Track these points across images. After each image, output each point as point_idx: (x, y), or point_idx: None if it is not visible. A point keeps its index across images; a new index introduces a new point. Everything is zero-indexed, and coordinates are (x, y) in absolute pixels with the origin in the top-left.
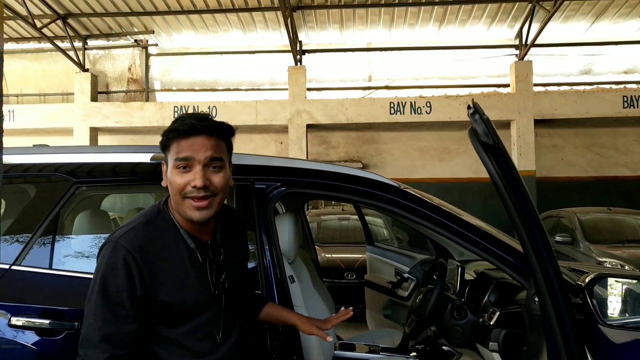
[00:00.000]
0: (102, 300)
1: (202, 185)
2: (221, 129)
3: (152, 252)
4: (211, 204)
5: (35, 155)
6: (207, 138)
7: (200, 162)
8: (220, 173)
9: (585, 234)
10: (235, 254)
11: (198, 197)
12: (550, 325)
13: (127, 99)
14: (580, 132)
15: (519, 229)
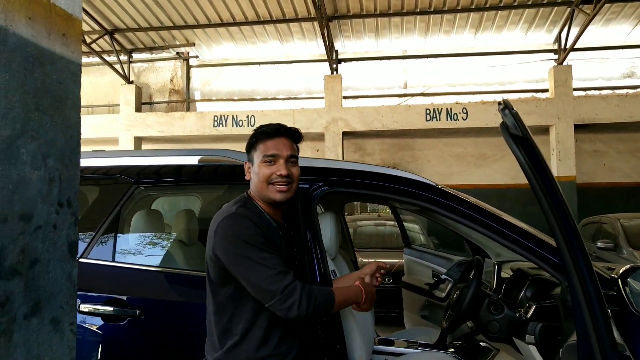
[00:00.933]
0: (254, 251)
1: (286, 174)
2: (296, 134)
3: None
4: (290, 189)
5: (96, 158)
6: (287, 139)
7: (283, 157)
8: (295, 167)
9: (628, 240)
10: (299, 236)
11: (281, 182)
12: (580, 311)
13: (169, 109)
14: (623, 136)
15: (549, 215)
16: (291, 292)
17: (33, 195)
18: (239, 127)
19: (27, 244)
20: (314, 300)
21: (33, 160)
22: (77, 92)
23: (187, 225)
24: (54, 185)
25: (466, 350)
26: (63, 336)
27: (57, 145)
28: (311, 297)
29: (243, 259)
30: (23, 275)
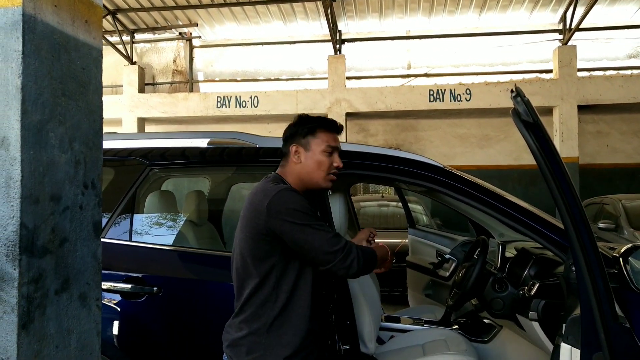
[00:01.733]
0: (312, 219)
1: (342, 166)
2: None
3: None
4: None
5: (111, 141)
6: (338, 136)
7: (338, 150)
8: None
9: (629, 220)
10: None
11: (336, 173)
12: (585, 286)
13: (172, 90)
14: (626, 117)
15: (557, 198)
16: (350, 251)
17: (61, 177)
18: (242, 108)
19: (57, 224)
20: (365, 257)
21: (60, 144)
22: (99, 77)
23: (197, 206)
24: (80, 167)
25: (470, 327)
26: (90, 311)
27: (82, 129)
28: (364, 255)
29: (304, 227)
30: (54, 253)
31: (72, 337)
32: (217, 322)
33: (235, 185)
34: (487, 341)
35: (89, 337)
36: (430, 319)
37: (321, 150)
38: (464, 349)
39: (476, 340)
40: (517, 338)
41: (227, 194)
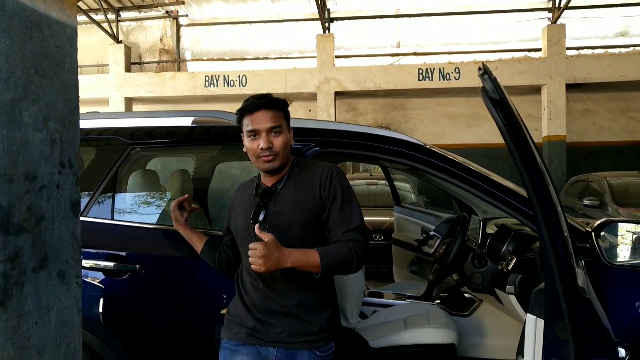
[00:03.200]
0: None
1: (266, 147)
2: (276, 103)
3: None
4: (275, 159)
5: (92, 120)
6: (266, 111)
7: (264, 131)
8: (279, 136)
9: (614, 197)
10: (292, 198)
11: (265, 155)
12: (548, 257)
13: (159, 69)
14: (614, 96)
15: (523, 174)
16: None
17: (36, 156)
18: (230, 87)
19: (33, 203)
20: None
21: (35, 123)
22: (73, 56)
23: (182, 185)
24: (56, 146)
25: (451, 302)
26: (69, 288)
27: (57, 108)
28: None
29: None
30: (30, 231)
31: (52, 314)
32: (200, 298)
33: (220, 164)
34: (467, 315)
35: (69, 313)
36: (413, 294)
37: (246, 136)
38: (444, 322)
39: (457, 314)
40: (496, 311)
41: (212, 173)
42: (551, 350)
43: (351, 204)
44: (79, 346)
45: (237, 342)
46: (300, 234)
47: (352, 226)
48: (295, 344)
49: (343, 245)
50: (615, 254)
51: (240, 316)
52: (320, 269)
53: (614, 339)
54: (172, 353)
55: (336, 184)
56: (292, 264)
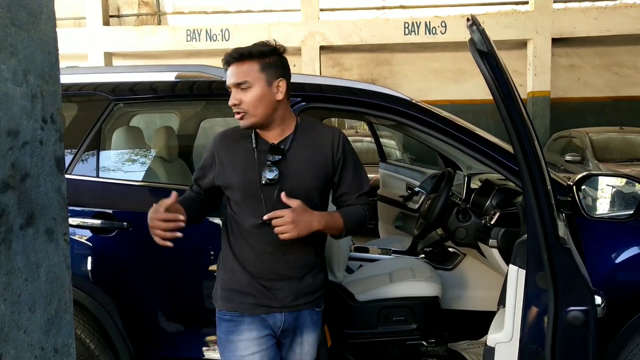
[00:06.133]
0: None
1: (232, 104)
2: (248, 55)
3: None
4: (245, 116)
5: (72, 75)
6: (237, 66)
7: (231, 87)
8: (247, 92)
9: (595, 153)
10: (303, 160)
11: (236, 112)
12: (531, 212)
13: (139, 23)
14: (599, 50)
15: (509, 127)
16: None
17: (17, 111)
18: (213, 42)
19: (17, 159)
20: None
21: (14, 77)
22: (51, 6)
23: (166, 142)
24: (37, 101)
25: (436, 256)
26: (58, 245)
27: (36, 62)
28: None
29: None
30: (15, 188)
31: (42, 271)
32: (188, 255)
33: (205, 121)
34: (451, 268)
35: (58, 270)
36: (398, 249)
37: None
38: (429, 276)
39: (441, 267)
40: (479, 265)
41: (196, 129)
42: (532, 299)
43: (361, 169)
44: (70, 302)
45: (239, 313)
46: (308, 196)
47: (364, 190)
48: (300, 306)
49: (359, 208)
50: (594, 207)
51: (243, 286)
52: (342, 231)
53: (592, 288)
54: (162, 308)
55: (347, 149)
56: (323, 227)
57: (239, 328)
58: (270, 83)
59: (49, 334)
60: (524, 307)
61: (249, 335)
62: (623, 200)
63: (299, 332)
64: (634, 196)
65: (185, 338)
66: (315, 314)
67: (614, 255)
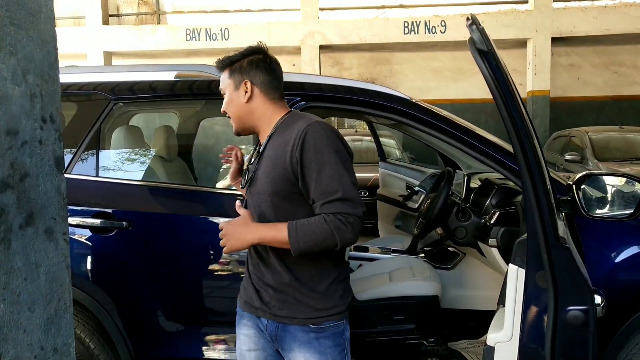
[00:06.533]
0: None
1: (222, 112)
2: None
3: None
4: (233, 122)
5: (72, 74)
6: (224, 75)
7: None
8: (224, 100)
9: (594, 152)
10: (267, 162)
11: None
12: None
13: (138, 22)
14: (599, 50)
15: (509, 126)
16: None
17: (17, 111)
18: (212, 41)
19: (16, 159)
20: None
21: (13, 76)
22: (50, 5)
23: (166, 142)
24: (36, 101)
25: (435, 255)
26: (57, 245)
27: (36, 61)
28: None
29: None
30: (15, 188)
31: (41, 270)
32: (187, 254)
33: (204, 120)
34: (451, 268)
35: (58, 270)
36: (397, 248)
37: None
38: (428, 275)
39: (440, 267)
40: (479, 264)
41: (196, 128)
42: (531, 298)
43: (331, 170)
44: (70, 302)
45: (241, 308)
46: (273, 203)
47: (333, 197)
48: (284, 318)
49: (320, 218)
50: (594, 206)
51: (244, 283)
52: (291, 246)
53: (592, 287)
54: (161, 308)
55: (309, 147)
56: (259, 240)
57: (240, 321)
58: (237, 87)
59: (48, 333)
60: (524, 307)
61: (247, 331)
62: (623, 200)
63: (287, 348)
64: (633, 195)
65: (185, 337)
66: (310, 333)
67: (614, 254)
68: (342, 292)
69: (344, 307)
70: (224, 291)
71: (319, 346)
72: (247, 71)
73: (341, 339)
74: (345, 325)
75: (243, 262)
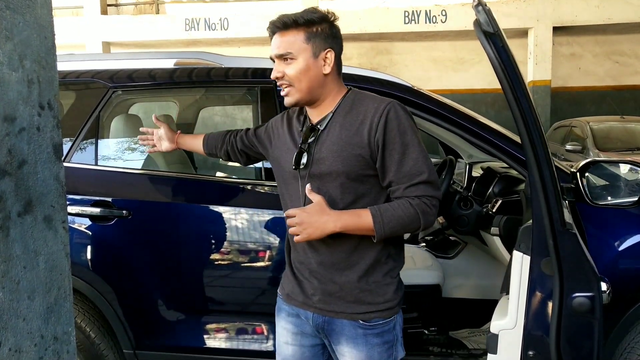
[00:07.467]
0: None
1: (275, 77)
2: (293, 24)
3: None
4: (290, 92)
5: (70, 62)
6: (281, 35)
7: (274, 58)
8: (291, 65)
9: (596, 142)
10: (336, 142)
11: (280, 85)
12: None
13: (137, 12)
14: (600, 39)
15: (515, 111)
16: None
17: (14, 97)
18: (212, 31)
19: (14, 145)
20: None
21: (10, 61)
22: None
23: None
24: (34, 87)
25: (437, 244)
26: (56, 233)
27: (33, 46)
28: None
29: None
30: (13, 175)
31: (40, 259)
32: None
33: (204, 109)
34: (452, 257)
35: (57, 258)
36: None
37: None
38: (430, 264)
39: (442, 256)
40: (480, 253)
41: (196, 118)
42: (536, 285)
43: (415, 152)
44: (70, 291)
45: (283, 300)
46: (342, 185)
47: (418, 179)
48: (330, 312)
49: (405, 202)
50: (598, 194)
51: (286, 272)
52: (375, 232)
53: (597, 274)
54: (162, 297)
55: (392, 127)
56: (341, 228)
57: (280, 312)
58: (316, 55)
59: (48, 322)
60: (528, 294)
61: (285, 324)
62: (627, 187)
63: (334, 341)
64: (637, 183)
65: (185, 326)
66: (359, 328)
67: (618, 242)
68: (395, 286)
69: (396, 301)
70: (224, 280)
71: (365, 343)
72: (333, 39)
73: (390, 336)
74: (397, 319)
75: (244, 251)
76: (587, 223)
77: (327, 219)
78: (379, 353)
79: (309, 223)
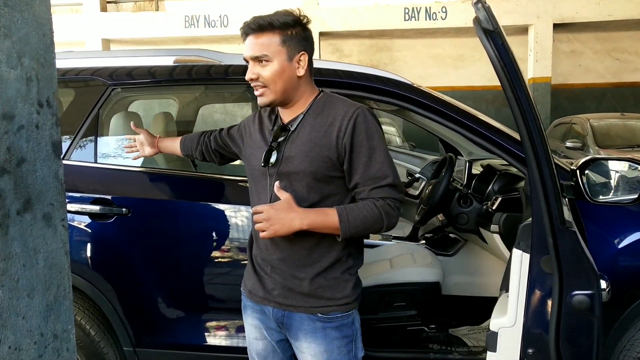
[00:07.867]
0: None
1: (250, 79)
2: (268, 26)
3: None
4: (265, 93)
5: (70, 60)
6: (255, 37)
7: (249, 59)
8: (266, 67)
9: (596, 139)
10: (305, 142)
11: (254, 87)
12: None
13: (136, 9)
14: (601, 36)
15: (514, 108)
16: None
17: (12, 95)
18: (211, 28)
19: (13, 143)
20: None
21: (8, 59)
22: None
23: (165, 128)
24: (32, 84)
25: (436, 242)
26: (56, 231)
27: (31, 44)
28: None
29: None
30: (12, 173)
31: (40, 257)
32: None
33: (203, 107)
34: (452, 254)
35: (57, 256)
36: (398, 235)
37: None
38: (429, 261)
39: (441, 253)
40: (480, 251)
41: (195, 115)
42: (536, 283)
43: (381, 155)
44: (69, 288)
45: (246, 297)
46: (309, 184)
47: (383, 182)
48: (289, 307)
49: (370, 203)
50: (598, 191)
51: (247, 269)
52: (341, 232)
53: (597, 272)
54: (162, 294)
55: (360, 131)
56: (308, 226)
57: (245, 309)
58: (291, 57)
59: (48, 319)
60: (528, 291)
61: (252, 320)
62: (627, 185)
63: (293, 336)
64: (638, 180)
65: (185, 324)
66: (317, 322)
67: (617, 240)
68: (354, 283)
69: (354, 297)
70: (224, 277)
71: (324, 337)
72: (306, 43)
73: (349, 330)
74: (355, 316)
75: (243, 249)
76: (586, 221)
77: (294, 216)
78: (338, 347)
79: (277, 219)
